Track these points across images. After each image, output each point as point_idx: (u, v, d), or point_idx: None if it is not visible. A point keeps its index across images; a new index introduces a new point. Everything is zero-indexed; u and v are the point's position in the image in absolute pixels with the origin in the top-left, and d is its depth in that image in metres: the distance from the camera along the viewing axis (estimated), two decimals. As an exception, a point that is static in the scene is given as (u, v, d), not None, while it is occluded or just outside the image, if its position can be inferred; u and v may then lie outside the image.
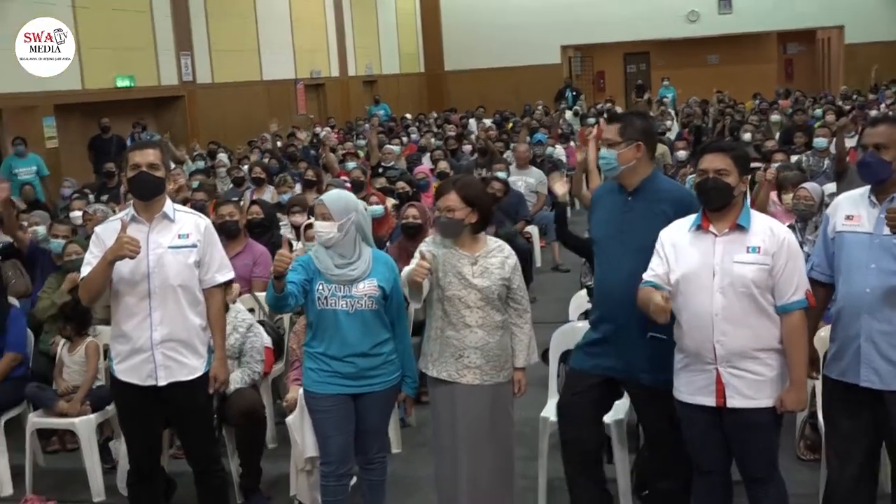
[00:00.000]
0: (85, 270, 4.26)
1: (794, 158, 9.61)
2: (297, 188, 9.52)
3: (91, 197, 9.89)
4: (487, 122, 16.81)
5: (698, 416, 3.87)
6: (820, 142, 9.85)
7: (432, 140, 13.23)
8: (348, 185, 8.44)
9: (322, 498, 4.43)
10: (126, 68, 15.53)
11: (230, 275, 4.54)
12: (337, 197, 4.44)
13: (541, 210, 10.39)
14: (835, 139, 9.00)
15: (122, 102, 15.61)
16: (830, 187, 7.69)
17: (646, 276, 3.87)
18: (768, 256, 3.72)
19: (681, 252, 3.84)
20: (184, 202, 6.63)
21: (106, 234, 4.25)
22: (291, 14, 21.09)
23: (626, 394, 4.40)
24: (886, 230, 3.71)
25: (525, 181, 10.53)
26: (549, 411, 4.92)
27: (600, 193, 4.47)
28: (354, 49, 24.14)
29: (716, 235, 3.80)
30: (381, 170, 11.21)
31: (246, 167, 11.38)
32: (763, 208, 6.14)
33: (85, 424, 5.32)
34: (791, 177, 7.20)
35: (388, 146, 12.36)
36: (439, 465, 4.43)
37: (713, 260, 3.77)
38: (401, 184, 8.53)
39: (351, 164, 10.74)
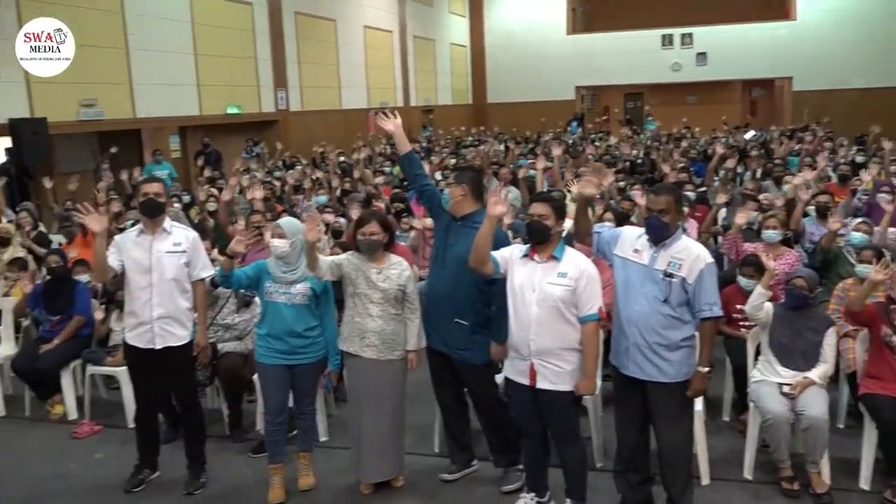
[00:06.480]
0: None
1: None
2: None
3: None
4: (500, 147, 16.57)
5: (519, 392, 3.91)
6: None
7: (452, 161, 13.09)
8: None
9: (265, 437, 4.58)
10: (235, 99, 15.76)
11: (211, 272, 4.70)
12: (289, 222, 4.52)
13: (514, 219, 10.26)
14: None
15: (231, 125, 15.90)
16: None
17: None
18: (573, 280, 3.74)
19: (514, 271, 3.88)
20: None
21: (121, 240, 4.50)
22: (366, 60, 21.15)
23: None
24: (657, 265, 3.72)
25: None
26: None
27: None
28: (416, 85, 24.13)
29: (537, 262, 3.83)
30: (405, 183, 11.26)
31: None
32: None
33: (123, 372, 5.50)
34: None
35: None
36: (349, 415, 4.58)
37: (534, 280, 3.81)
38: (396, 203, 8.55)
39: (379, 179, 10.79)
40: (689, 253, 3.69)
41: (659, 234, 3.75)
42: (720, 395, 5.33)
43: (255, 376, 4.91)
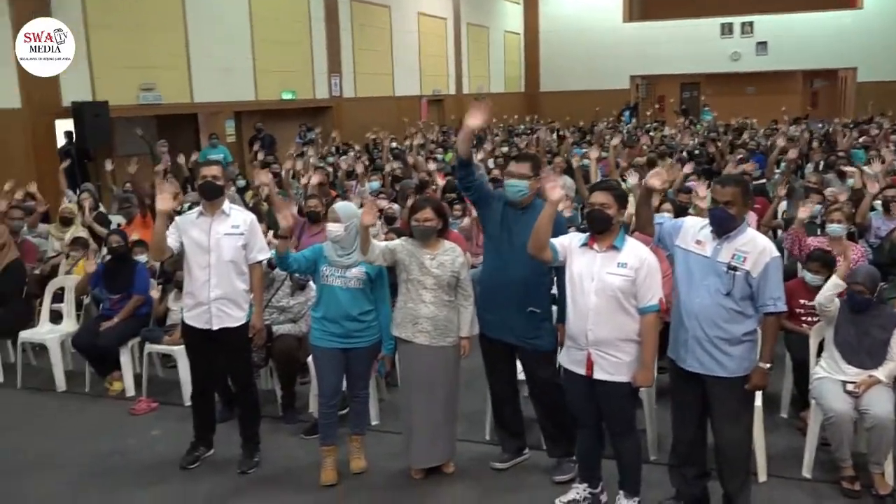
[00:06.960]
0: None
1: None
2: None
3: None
4: (553, 136, 16.43)
5: (575, 382, 3.86)
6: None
7: (504, 149, 13.04)
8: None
9: (318, 419, 4.61)
10: (289, 85, 15.91)
11: (267, 255, 4.74)
12: (344, 206, 4.54)
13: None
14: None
15: (285, 111, 16.03)
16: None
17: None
18: (633, 270, 3.67)
19: (573, 260, 3.83)
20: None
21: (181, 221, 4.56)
22: (420, 47, 21.16)
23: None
24: (720, 258, 3.62)
25: (556, 184, 10.22)
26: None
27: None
28: (469, 73, 24.06)
29: (596, 252, 3.77)
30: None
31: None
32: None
33: (180, 351, 5.58)
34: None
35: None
36: (401, 400, 4.60)
37: (593, 269, 3.75)
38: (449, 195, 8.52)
39: (432, 166, 10.75)
40: (755, 246, 3.57)
41: (723, 227, 3.63)
42: (778, 390, 5.20)
43: (310, 359, 4.96)
